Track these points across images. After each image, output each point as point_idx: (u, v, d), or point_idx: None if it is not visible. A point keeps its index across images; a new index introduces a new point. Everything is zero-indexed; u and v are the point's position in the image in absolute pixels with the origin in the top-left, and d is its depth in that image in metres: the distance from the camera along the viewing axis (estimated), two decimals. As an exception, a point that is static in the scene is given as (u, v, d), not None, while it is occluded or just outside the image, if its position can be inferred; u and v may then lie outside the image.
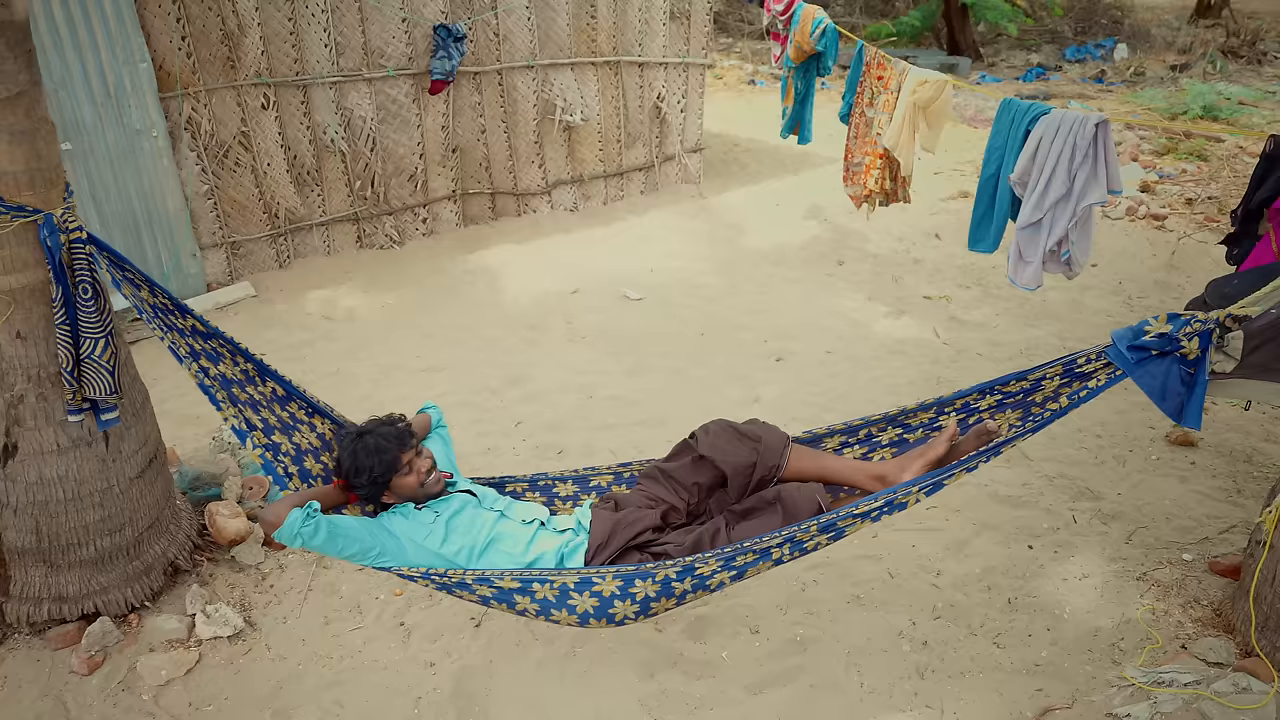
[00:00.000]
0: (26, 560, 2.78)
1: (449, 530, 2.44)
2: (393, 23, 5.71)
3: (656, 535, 2.47)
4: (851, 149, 4.80)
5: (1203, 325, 2.27)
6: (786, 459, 2.52)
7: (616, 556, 2.41)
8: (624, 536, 2.43)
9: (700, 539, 2.41)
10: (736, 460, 2.49)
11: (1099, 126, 3.40)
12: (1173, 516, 3.51)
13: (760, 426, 2.58)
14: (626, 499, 2.57)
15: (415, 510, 2.49)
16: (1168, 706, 2.59)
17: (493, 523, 2.49)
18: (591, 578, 2.26)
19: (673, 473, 2.56)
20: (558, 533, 2.51)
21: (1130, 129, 8.28)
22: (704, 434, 2.56)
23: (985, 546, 3.36)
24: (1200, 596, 3.04)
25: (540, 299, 5.64)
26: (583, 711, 2.67)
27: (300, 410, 2.71)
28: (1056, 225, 3.64)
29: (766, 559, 2.31)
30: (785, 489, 2.46)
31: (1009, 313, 5.28)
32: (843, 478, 2.56)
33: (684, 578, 2.27)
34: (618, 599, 2.28)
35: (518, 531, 2.48)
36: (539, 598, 2.31)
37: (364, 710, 2.69)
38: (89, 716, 2.65)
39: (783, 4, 5.31)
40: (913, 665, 2.83)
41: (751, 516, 2.47)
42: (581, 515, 2.56)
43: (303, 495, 2.36)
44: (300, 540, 2.24)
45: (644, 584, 2.26)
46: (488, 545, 2.45)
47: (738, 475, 2.50)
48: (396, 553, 2.41)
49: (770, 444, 2.52)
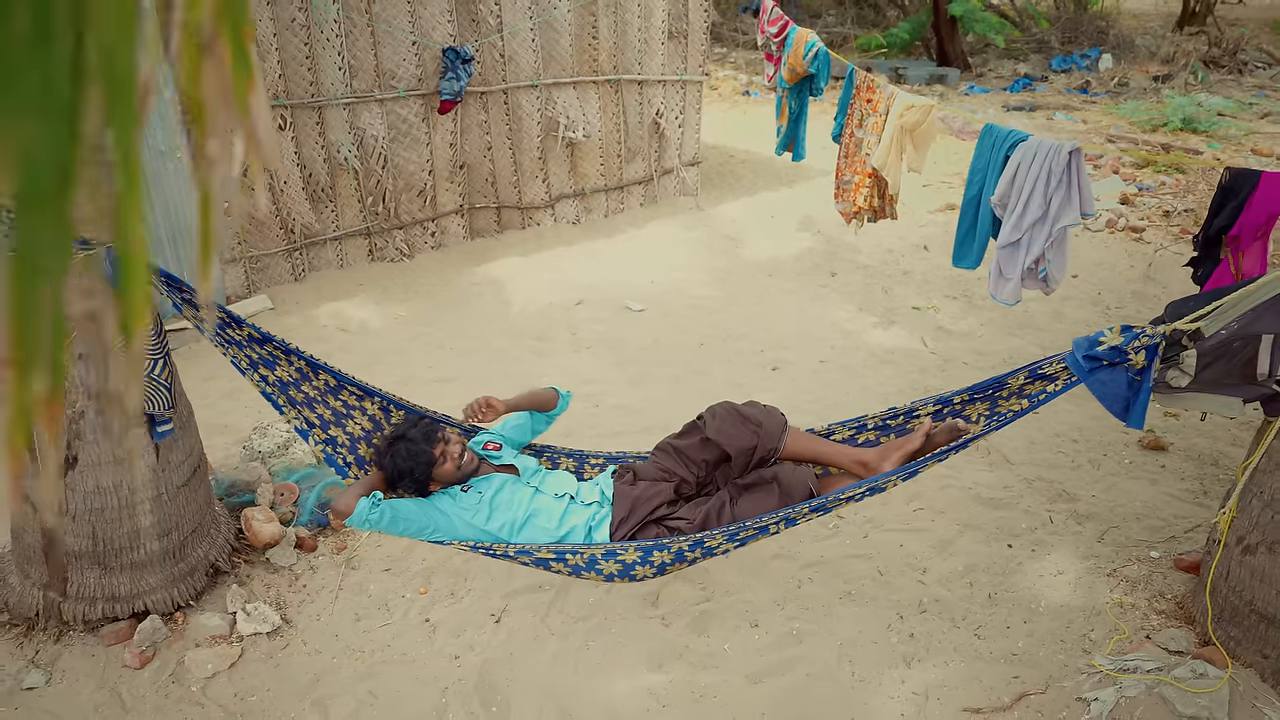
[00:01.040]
0: (82, 563, 3.00)
1: (492, 509, 2.81)
2: (403, 46, 5.95)
3: (671, 509, 2.83)
4: (842, 167, 5.05)
5: (1149, 340, 2.53)
6: (784, 442, 2.86)
7: (636, 530, 2.78)
8: (643, 511, 2.80)
9: (709, 515, 2.76)
10: (739, 443, 2.83)
11: (1072, 154, 3.66)
12: (1142, 516, 3.76)
13: (761, 411, 2.91)
14: (644, 470, 2.93)
15: (461, 493, 2.85)
16: (1132, 691, 2.84)
17: (529, 499, 2.85)
18: (616, 550, 2.62)
19: (683, 449, 2.93)
20: (585, 505, 2.87)
21: (1113, 141, 8.56)
22: (711, 418, 2.90)
23: (968, 545, 3.61)
24: (1165, 591, 3.29)
25: (545, 309, 5.88)
26: (596, 700, 2.90)
27: (351, 396, 3.01)
28: (1034, 245, 3.89)
29: (764, 533, 2.67)
30: (782, 470, 2.82)
31: (993, 323, 5.53)
32: (832, 460, 2.91)
33: (695, 549, 2.62)
34: (639, 564, 2.64)
35: (551, 506, 2.85)
36: (571, 564, 2.68)
37: (395, 700, 2.92)
38: (143, 707, 2.87)
39: (776, 27, 5.56)
40: (900, 655, 3.07)
41: (753, 490, 2.82)
42: (605, 485, 2.93)
43: (364, 484, 2.70)
44: (369, 525, 2.60)
45: (660, 554, 2.62)
46: (526, 520, 2.82)
47: (740, 455, 2.86)
48: (448, 529, 2.77)
49: (769, 429, 2.86)
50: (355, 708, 2.88)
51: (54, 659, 3.00)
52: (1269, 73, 12.39)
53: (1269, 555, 2.74)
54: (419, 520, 2.75)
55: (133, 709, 2.86)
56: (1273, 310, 2.59)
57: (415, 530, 2.75)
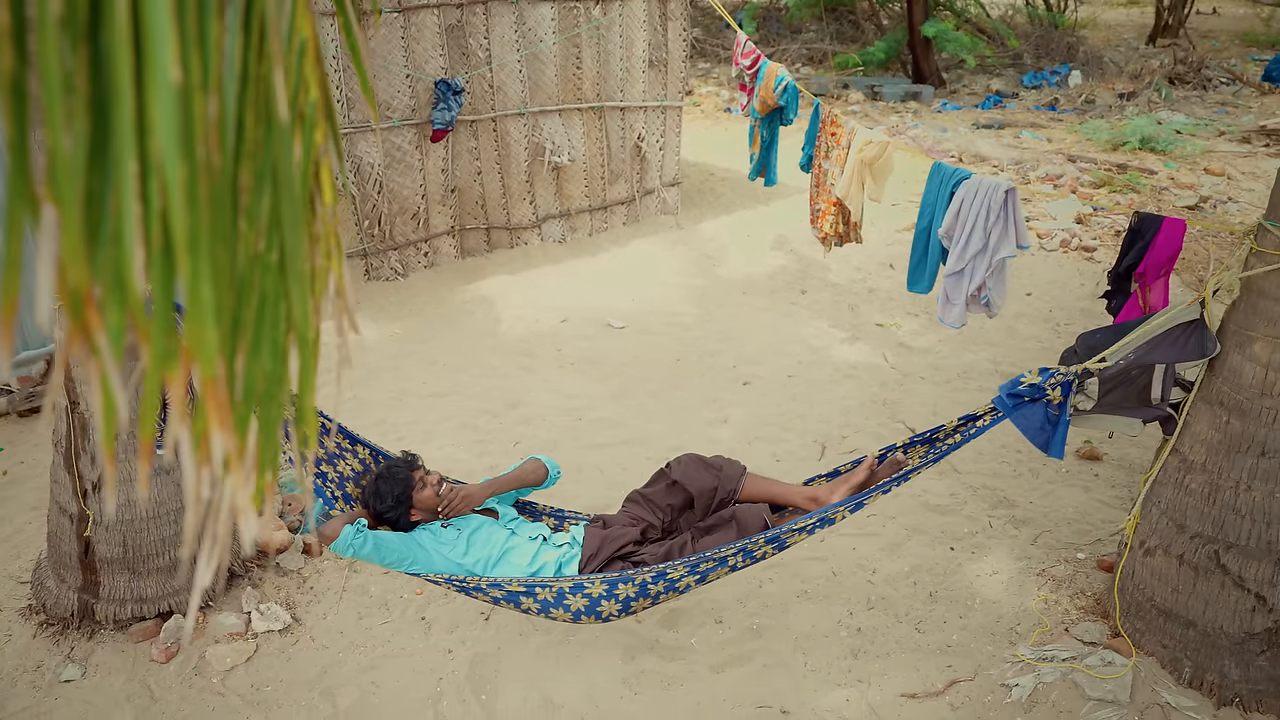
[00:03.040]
0: (114, 568, 3.34)
1: (469, 544, 3.04)
2: (398, 79, 6.30)
3: (637, 548, 3.07)
4: (814, 196, 5.43)
5: (1064, 377, 2.92)
6: (742, 485, 3.16)
7: (604, 565, 3.00)
8: (610, 549, 3.03)
9: (671, 550, 3.01)
10: (701, 485, 3.13)
11: (1008, 193, 4.03)
12: (1073, 521, 4.14)
13: (722, 460, 3.22)
14: (613, 519, 3.19)
15: (441, 529, 3.09)
16: (1048, 677, 3.21)
17: (505, 538, 3.09)
18: (583, 583, 2.84)
19: (650, 496, 3.20)
20: (556, 546, 3.10)
21: (1073, 161, 8.97)
22: (677, 464, 3.20)
23: (915, 548, 3.98)
24: (1086, 589, 3.67)
25: (533, 327, 6.23)
26: (575, 688, 3.25)
27: (344, 440, 3.30)
28: (976, 274, 4.26)
29: (724, 565, 2.89)
30: (739, 509, 3.07)
31: (951, 339, 5.91)
32: (785, 499, 3.19)
33: (657, 581, 2.84)
34: (604, 599, 2.85)
35: (524, 546, 3.08)
36: (540, 599, 2.88)
37: (395, 689, 3.27)
38: (169, 697, 3.21)
39: (749, 60, 5.94)
40: (848, 648, 3.43)
41: (713, 531, 3.07)
42: (576, 533, 3.17)
43: (351, 515, 2.97)
44: (351, 550, 2.84)
45: (625, 586, 2.83)
46: (501, 557, 3.04)
47: (702, 496, 3.14)
48: (425, 562, 2.99)
49: (729, 472, 3.16)
50: (359, 696, 3.22)
51: (88, 654, 3.33)
52: (1232, 88, 12.84)
53: (1165, 557, 3.12)
54: (399, 550, 2.93)
55: (160, 698, 3.19)
56: (1164, 343, 2.98)
57: (395, 560, 2.92)
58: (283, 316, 0.74)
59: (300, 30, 0.74)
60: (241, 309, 0.68)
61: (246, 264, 0.68)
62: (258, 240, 0.70)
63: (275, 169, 0.70)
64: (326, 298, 0.84)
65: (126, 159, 0.54)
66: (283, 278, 0.73)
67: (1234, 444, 2.91)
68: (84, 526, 3.24)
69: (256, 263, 0.70)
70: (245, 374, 0.71)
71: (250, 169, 0.68)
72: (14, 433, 4.81)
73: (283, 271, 0.73)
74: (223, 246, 0.61)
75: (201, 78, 0.58)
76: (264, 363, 0.70)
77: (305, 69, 0.75)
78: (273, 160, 0.70)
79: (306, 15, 0.75)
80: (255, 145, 0.68)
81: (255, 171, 0.68)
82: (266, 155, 0.69)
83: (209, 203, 0.59)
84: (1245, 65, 14.62)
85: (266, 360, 0.71)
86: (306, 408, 0.79)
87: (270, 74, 0.67)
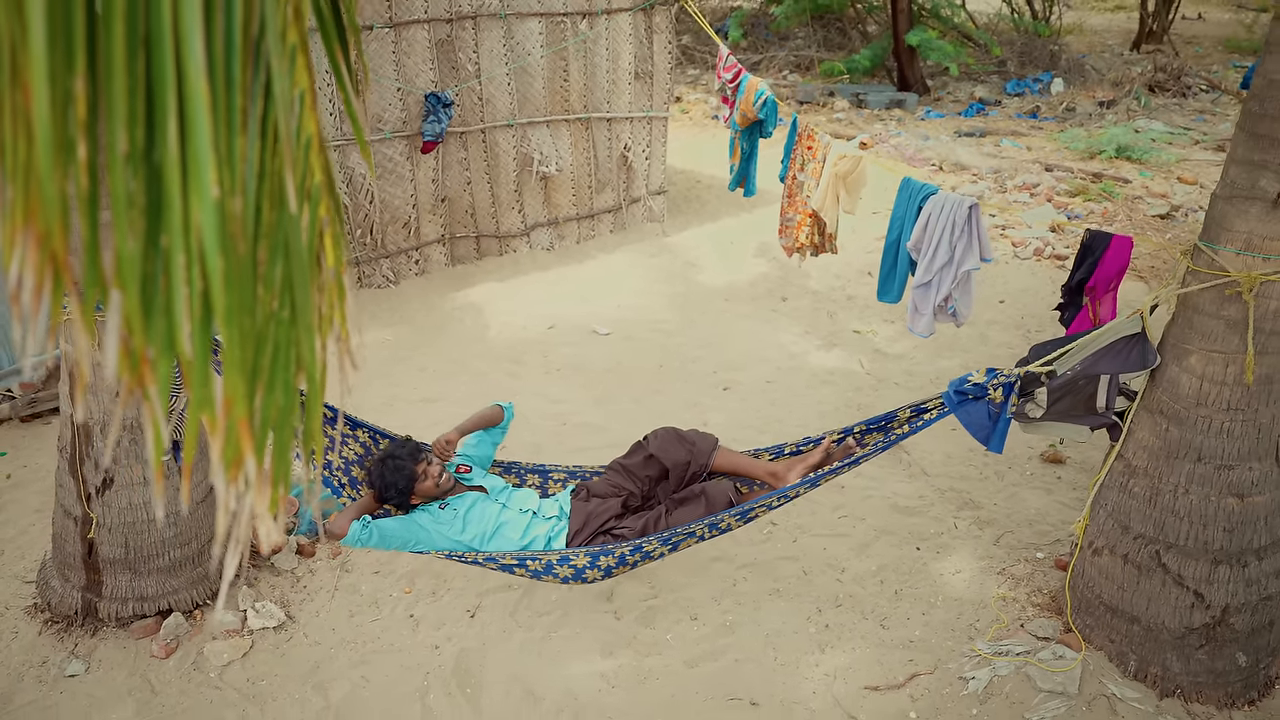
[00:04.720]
0: (116, 568, 3.50)
1: (465, 523, 3.38)
2: (389, 92, 6.47)
3: (618, 522, 3.41)
4: (785, 207, 5.62)
5: (1006, 379, 3.12)
6: (713, 459, 3.50)
7: (589, 539, 3.36)
8: (594, 525, 3.39)
9: (647, 523, 3.35)
10: (676, 458, 3.48)
11: (971, 208, 4.23)
12: (1035, 522, 4.34)
13: (696, 434, 3.56)
14: (597, 488, 3.53)
15: (438, 510, 3.41)
16: (1003, 671, 3.41)
17: (497, 513, 3.43)
18: (569, 556, 3.18)
19: (630, 467, 3.55)
20: (545, 519, 3.44)
21: (1049, 170, 9.19)
22: (654, 437, 3.56)
23: (883, 549, 4.17)
24: (1043, 587, 3.87)
25: (520, 333, 6.40)
26: (556, 682, 3.43)
27: (345, 426, 3.54)
28: (943, 285, 4.46)
29: (693, 537, 3.24)
30: (709, 485, 3.44)
31: (925, 346, 6.11)
32: (750, 472, 3.56)
33: (635, 553, 3.19)
34: (588, 568, 3.21)
35: (516, 520, 3.43)
36: (531, 569, 3.23)
37: (384, 683, 3.44)
38: (169, 690, 3.38)
39: (731, 74, 6.14)
40: (816, 643, 3.62)
41: (685, 503, 3.42)
42: (564, 502, 3.50)
43: (356, 508, 3.23)
44: (361, 544, 3.17)
45: (606, 558, 3.19)
46: (495, 532, 3.39)
47: (677, 468, 3.49)
48: (427, 541, 3.34)
49: (702, 447, 3.52)
50: (350, 690, 3.39)
51: (91, 650, 3.50)
52: (1210, 96, 13.10)
53: (1111, 557, 3.32)
54: (403, 536, 3.33)
55: (160, 692, 3.36)
56: (1109, 355, 3.18)
57: (400, 544, 3.32)
58: (293, 360, 0.91)
59: (307, 128, 0.91)
60: (259, 358, 0.86)
61: (264, 321, 0.86)
62: (273, 301, 0.87)
63: (287, 243, 0.87)
64: (332, 336, 1.02)
65: (177, 252, 0.71)
66: (293, 328, 0.91)
67: (1173, 450, 3.11)
68: (88, 529, 3.40)
69: (272, 318, 0.88)
70: (263, 407, 0.89)
71: (267, 245, 0.85)
72: (16, 438, 4.96)
73: (293, 324, 0.90)
74: (247, 314, 0.78)
75: (230, 184, 0.75)
76: (278, 398, 0.88)
77: (311, 158, 0.92)
78: (285, 236, 0.87)
79: (312, 115, 0.92)
80: (270, 226, 0.85)
81: (271, 247, 0.86)
82: (280, 232, 0.87)
83: (237, 280, 0.76)
84: (1227, 72, 14.88)
85: (280, 396, 0.89)
86: (314, 429, 0.97)
87: (283, 170, 0.84)
